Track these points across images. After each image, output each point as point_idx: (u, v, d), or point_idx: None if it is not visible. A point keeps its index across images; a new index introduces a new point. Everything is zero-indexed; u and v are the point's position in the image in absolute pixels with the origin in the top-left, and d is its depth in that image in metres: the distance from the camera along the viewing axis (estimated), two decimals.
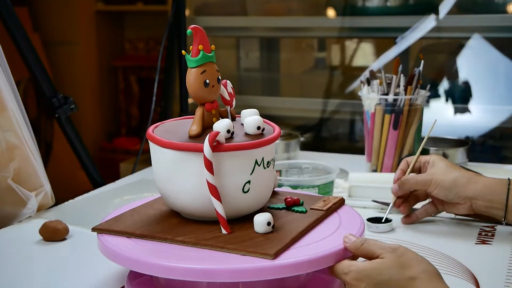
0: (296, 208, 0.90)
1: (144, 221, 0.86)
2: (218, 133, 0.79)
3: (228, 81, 0.88)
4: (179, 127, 0.88)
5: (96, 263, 0.94)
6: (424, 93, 1.38)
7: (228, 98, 0.88)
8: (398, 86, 1.37)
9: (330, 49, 2.76)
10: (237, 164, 0.81)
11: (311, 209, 0.90)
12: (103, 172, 1.65)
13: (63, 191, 1.46)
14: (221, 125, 0.81)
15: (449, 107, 2.45)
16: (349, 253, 0.79)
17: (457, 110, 2.44)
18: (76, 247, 1.06)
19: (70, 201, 1.31)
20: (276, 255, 0.75)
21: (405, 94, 1.36)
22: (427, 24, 2.33)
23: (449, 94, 2.48)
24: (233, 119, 0.90)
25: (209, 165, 0.78)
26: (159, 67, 1.75)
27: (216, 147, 0.79)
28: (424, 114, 1.39)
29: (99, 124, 3.66)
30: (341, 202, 0.94)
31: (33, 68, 1.41)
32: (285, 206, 0.91)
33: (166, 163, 0.83)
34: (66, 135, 1.48)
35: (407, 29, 2.35)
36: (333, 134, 2.57)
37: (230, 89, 0.88)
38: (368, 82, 1.40)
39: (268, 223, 0.81)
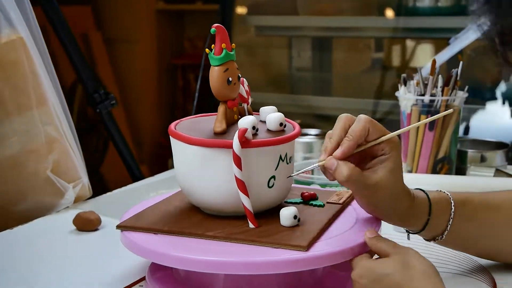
0: (314, 202, 0.91)
1: (168, 218, 0.86)
2: (246, 129, 0.80)
3: (244, 79, 0.90)
4: (199, 124, 0.89)
5: (123, 254, 0.97)
6: (461, 94, 1.37)
7: (246, 96, 0.90)
8: (436, 87, 1.36)
9: (383, 49, 2.74)
10: (264, 159, 0.83)
11: (327, 203, 0.91)
12: (157, 167, 1.68)
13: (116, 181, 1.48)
14: (247, 122, 0.82)
15: (505, 110, 2.40)
16: (366, 248, 0.80)
17: None
18: (106, 237, 1.10)
19: (108, 193, 1.36)
20: (308, 247, 0.77)
21: (442, 95, 1.34)
22: None
23: (506, 97, 2.43)
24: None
25: (238, 161, 0.80)
26: (202, 65, 1.78)
27: (245, 143, 0.80)
28: (479, 115, 1.37)
29: (158, 120, 3.73)
30: (353, 196, 0.94)
31: (77, 65, 1.45)
32: (302, 200, 0.92)
33: (192, 160, 0.83)
34: (106, 129, 1.52)
35: (461, 30, 2.31)
36: None
37: (246, 87, 0.90)
38: (405, 82, 1.39)
39: (295, 217, 0.82)
